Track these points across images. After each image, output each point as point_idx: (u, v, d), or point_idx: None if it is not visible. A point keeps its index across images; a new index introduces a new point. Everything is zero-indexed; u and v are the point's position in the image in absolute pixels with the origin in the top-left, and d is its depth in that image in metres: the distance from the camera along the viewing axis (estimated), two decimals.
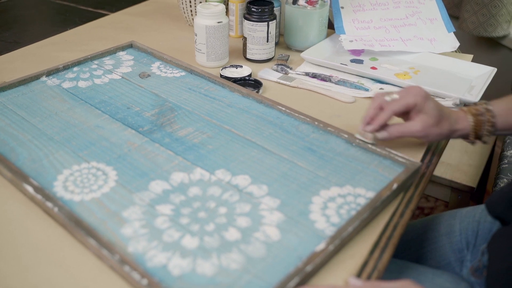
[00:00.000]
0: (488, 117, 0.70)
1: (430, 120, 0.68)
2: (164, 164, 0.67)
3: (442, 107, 0.70)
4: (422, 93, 0.68)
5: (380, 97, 0.70)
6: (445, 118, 0.69)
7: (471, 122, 0.70)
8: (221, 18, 0.94)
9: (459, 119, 0.71)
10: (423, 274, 0.69)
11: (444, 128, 0.69)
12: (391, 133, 0.69)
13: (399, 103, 0.68)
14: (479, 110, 0.71)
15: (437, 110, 0.68)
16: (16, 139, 0.71)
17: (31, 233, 0.57)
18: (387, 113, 0.68)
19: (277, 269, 0.52)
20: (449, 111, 0.71)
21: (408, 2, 1.11)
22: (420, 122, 0.68)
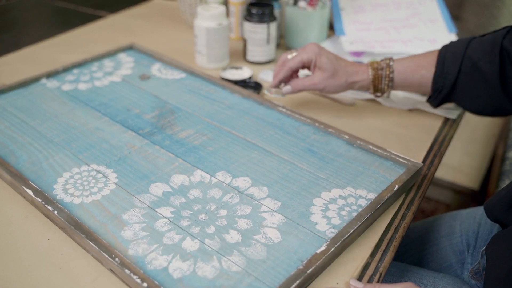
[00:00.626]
0: (388, 72, 0.76)
1: (325, 73, 0.75)
2: (164, 166, 0.67)
3: (338, 60, 0.76)
4: (315, 50, 0.76)
5: (283, 55, 0.79)
6: (341, 70, 0.76)
7: (370, 75, 0.76)
8: (222, 20, 0.94)
9: (358, 72, 0.77)
10: (425, 277, 0.69)
11: (342, 80, 0.76)
12: (294, 87, 0.78)
13: (295, 59, 0.77)
14: (380, 64, 0.76)
15: (331, 64, 0.75)
16: (15, 141, 0.71)
17: (31, 236, 0.57)
18: (285, 70, 0.78)
19: (278, 272, 0.51)
20: (347, 64, 0.77)
21: (408, 3, 1.10)
22: (317, 76, 0.76)
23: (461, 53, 0.72)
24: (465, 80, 0.72)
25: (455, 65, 0.72)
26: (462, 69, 0.71)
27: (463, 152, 1.51)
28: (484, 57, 0.69)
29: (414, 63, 0.76)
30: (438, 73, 0.73)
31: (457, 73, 0.72)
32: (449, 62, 0.72)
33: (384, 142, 0.75)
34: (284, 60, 0.79)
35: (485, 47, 0.70)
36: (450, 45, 0.74)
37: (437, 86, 0.74)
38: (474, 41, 0.72)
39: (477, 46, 0.71)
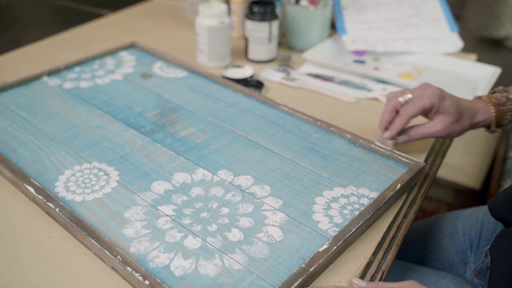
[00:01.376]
0: (510, 106, 0.69)
1: (450, 119, 0.67)
2: (166, 164, 0.67)
3: (460, 102, 0.68)
4: (438, 93, 0.67)
5: (393, 98, 0.69)
6: (465, 113, 0.68)
7: (493, 113, 0.70)
8: (223, 18, 0.93)
9: (479, 110, 0.70)
10: (427, 275, 0.69)
11: (465, 124, 0.69)
12: (412, 136, 0.69)
13: (415, 106, 0.67)
14: (500, 100, 0.70)
15: (455, 107, 0.67)
16: (17, 139, 0.71)
17: (32, 234, 0.57)
18: (404, 119, 0.67)
19: (280, 270, 0.51)
20: (468, 104, 0.69)
21: (410, 2, 1.10)
22: (440, 123, 0.67)
23: None
24: None
25: None
26: None
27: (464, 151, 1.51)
28: None
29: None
30: None
31: None
32: None
33: None
34: (395, 105, 0.69)
35: None
36: None
37: None
38: None
39: None
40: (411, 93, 0.68)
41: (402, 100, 0.68)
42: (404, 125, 0.68)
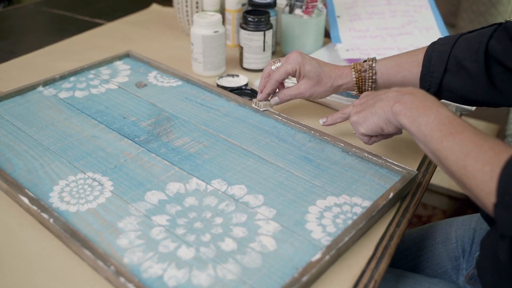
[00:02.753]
0: (370, 74, 0.76)
1: (310, 81, 0.76)
2: (160, 174, 0.67)
3: (321, 66, 0.77)
4: (298, 59, 0.76)
5: (267, 66, 0.80)
6: (326, 76, 0.77)
7: (354, 78, 0.77)
8: (218, 27, 0.94)
9: (342, 75, 0.77)
10: (420, 282, 0.69)
11: (327, 86, 0.77)
12: (281, 97, 0.79)
13: (280, 71, 0.77)
14: (363, 66, 0.77)
15: (315, 71, 0.76)
16: (12, 149, 0.71)
17: (27, 244, 0.57)
18: (272, 83, 0.78)
19: (273, 280, 0.52)
20: (331, 68, 0.78)
21: (404, 11, 1.11)
22: (302, 85, 0.77)
23: (447, 52, 0.72)
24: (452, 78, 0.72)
25: (441, 64, 0.72)
26: (448, 68, 0.72)
27: None
28: (470, 56, 0.70)
29: (396, 63, 0.76)
30: (425, 72, 0.73)
31: (443, 71, 0.72)
32: (435, 61, 0.72)
33: (379, 149, 0.76)
34: (269, 71, 0.79)
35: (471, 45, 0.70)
36: (438, 43, 0.74)
37: (425, 85, 0.74)
38: (462, 38, 0.73)
39: (463, 45, 0.71)
40: (281, 61, 0.79)
41: (274, 67, 0.79)
42: (272, 88, 0.78)
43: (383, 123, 0.62)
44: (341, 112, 0.73)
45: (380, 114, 0.62)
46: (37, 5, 1.42)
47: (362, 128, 0.65)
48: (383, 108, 0.61)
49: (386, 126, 0.62)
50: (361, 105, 0.66)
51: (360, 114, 0.65)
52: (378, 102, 0.63)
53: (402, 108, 0.58)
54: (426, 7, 1.11)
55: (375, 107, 0.63)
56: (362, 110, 0.65)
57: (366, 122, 0.64)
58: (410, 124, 0.57)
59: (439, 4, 1.15)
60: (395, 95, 0.61)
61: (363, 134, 0.66)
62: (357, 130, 0.67)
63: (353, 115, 0.67)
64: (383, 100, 0.62)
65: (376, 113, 0.63)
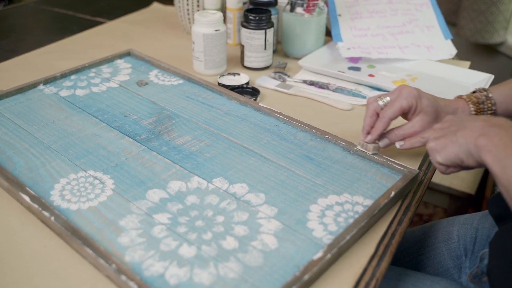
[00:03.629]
0: (489, 105, 0.71)
1: (428, 118, 0.68)
2: (161, 172, 0.67)
3: (437, 101, 0.69)
4: (414, 93, 0.68)
5: (373, 102, 0.70)
6: (443, 112, 0.69)
7: (473, 111, 0.71)
8: (219, 26, 0.94)
9: (458, 109, 0.71)
10: (421, 280, 0.69)
11: None
12: (392, 139, 0.70)
13: (393, 108, 0.68)
14: (479, 98, 0.71)
15: (432, 106, 0.68)
16: (13, 148, 0.71)
17: (28, 243, 0.57)
18: (383, 121, 0.68)
19: (275, 278, 0.51)
20: (446, 103, 0.70)
21: (405, 9, 1.11)
22: (418, 122, 0.68)
23: None
24: None
25: None
26: None
27: None
28: None
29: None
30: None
31: None
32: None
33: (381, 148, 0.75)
34: (375, 108, 0.69)
35: None
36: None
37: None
38: None
39: None
40: (389, 96, 0.69)
41: (382, 103, 0.69)
42: (384, 127, 0.69)
43: (463, 155, 0.56)
44: (420, 136, 0.66)
45: (461, 144, 0.56)
46: (38, 4, 1.42)
47: (439, 157, 0.59)
48: (466, 138, 0.55)
49: (466, 159, 0.56)
50: (442, 130, 0.60)
51: (439, 141, 0.59)
52: (461, 130, 0.56)
53: (487, 143, 0.52)
54: (427, 5, 1.11)
55: (457, 135, 0.56)
56: (442, 136, 0.59)
57: (444, 150, 0.58)
58: (494, 163, 0.51)
59: (440, 3, 1.15)
60: (482, 126, 0.54)
61: (440, 163, 0.60)
62: (433, 158, 0.60)
63: (431, 140, 0.60)
64: (467, 128, 0.56)
65: (457, 142, 0.56)
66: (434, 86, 0.95)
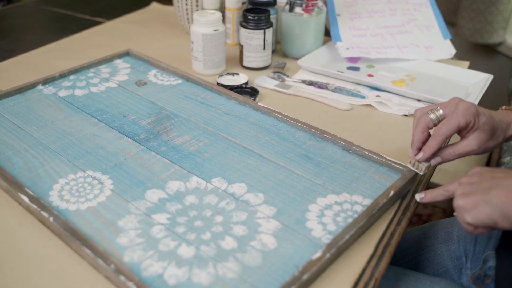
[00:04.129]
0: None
1: (485, 136, 0.62)
2: (160, 172, 0.67)
3: (493, 117, 0.64)
4: (472, 110, 0.61)
5: (424, 116, 0.64)
6: (499, 128, 0.64)
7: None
8: (218, 26, 0.94)
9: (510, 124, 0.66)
10: (421, 281, 0.69)
11: (500, 139, 0.65)
12: (446, 158, 0.64)
13: (450, 125, 0.61)
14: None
15: (489, 123, 0.62)
16: (11, 148, 0.71)
17: (26, 243, 0.57)
18: (439, 140, 0.62)
19: (274, 278, 0.51)
20: (500, 118, 0.65)
21: (404, 9, 1.11)
22: (475, 140, 0.62)
23: None
24: None
25: None
26: None
27: None
28: None
29: None
30: None
31: None
32: None
33: (380, 147, 0.76)
34: (427, 123, 0.63)
35: None
36: None
37: None
38: None
39: None
40: (442, 109, 0.63)
41: (434, 118, 0.63)
42: (439, 146, 0.63)
43: (498, 217, 0.51)
44: (444, 189, 0.60)
45: (496, 205, 0.51)
46: (37, 4, 1.42)
47: (468, 217, 0.53)
48: (502, 199, 0.51)
49: (501, 221, 0.51)
50: (471, 186, 0.55)
51: (469, 199, 0.53)
52: (495, 188, 0.52)
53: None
54: (426, 5, 1.11)
55: (490, 194, 0.52)
56: (471, 193, 0.54)
57: (475, 210, 0.53)
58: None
59: (439, 3, 1.15)
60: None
61: (469, 223, 0.54)
62: (461, 217, 0.55)
63: (459, 197, 0.55)
64: (503, 187, 0.51)
65: (491, 202, 0.51)
66: (433, 86, 0.95)
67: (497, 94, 1.37)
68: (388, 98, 0.90)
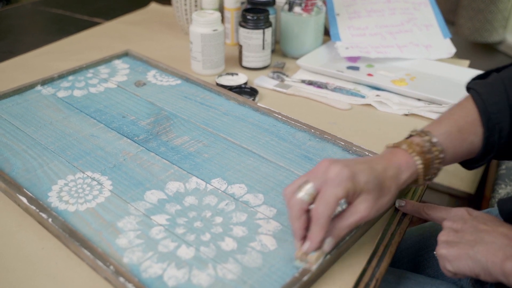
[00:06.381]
0: (436, 153, 0.57)
1: (371, 196, 0.53)
2: (159, 173, 0.67)
3: (375, 168, 0.54)
4: (345, 174, 0.51)
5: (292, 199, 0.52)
6: (386, 179, 0.54)
7: (420, 165, 0.56)
8: (217, 26, 0.94)
9: (401, 166, 0.56)
10: (422, 284, 0.69)
11: (391, 190, 0.55)
12: (337, 235, 0.53)
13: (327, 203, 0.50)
14: (423, 147, 0.57)
15: (373, 180, 0.53)
16: (10, 149, 0.71)
17: (25, 245, 0.57)
18: (322, 223, 0.51)
19: (274, 279, 0.51)
20: (385, 165, 0.55)
21: (403, 8, 1.11)
22: (362, 205, 0.53)
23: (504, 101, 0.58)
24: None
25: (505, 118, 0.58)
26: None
27: None
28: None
29: (456, 128, 0.59)
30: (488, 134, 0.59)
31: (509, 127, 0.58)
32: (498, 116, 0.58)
33: (380, 147, 0.75)
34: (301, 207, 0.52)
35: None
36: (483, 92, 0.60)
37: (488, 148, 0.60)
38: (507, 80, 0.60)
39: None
40: (311, 181, 0.52)
41: (306, 197, 0.52)
42: (325, 230, 0.51)
43: (481, 272, 0.50)
44: (425, 212, 0.58)
45: (480, 262, 0.49)
46: (35, 5, 1.42)
47: (450, 267, 0.52)
48: (487, 258, 0.49)
49: (484, 276, 0.50)
50: (456, 235, 0.52)
51: (452, 250, 0.51)
52: (480, 244, 0.50)
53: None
54: (425, 4, 1.11)
55: (475, 250, 0.50)
56: (455, 243, 0.51)
57: (457, 262, 0.51)
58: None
59: (438, 1, 1.15)
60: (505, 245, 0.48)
61: (449, 271, 0.53)
62: (442, 264, 0.53)
63: (442, 245, 0.52)
64: (488, 244, 0.49)
65: (475, 258, 0.49)
66: (433, 85, 0.95)
67: None
68: (388, 97, 0.89)
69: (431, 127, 0.59)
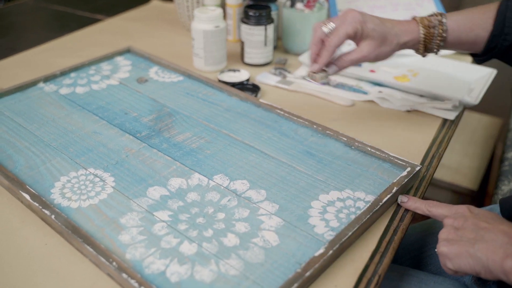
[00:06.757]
0: (440, 30, 0.69)
1: (375, 42, 0.67)
2: (162, 169, 0.67)
3: (384, 23, 0.68)
4: (359, 18, 0.67)
5: (317, 29, 0.69)
6: (391, 34, 0.68)
7: (422, 34, 0.69)
8: (219, 22, 0.94)
9: (407, 30, 0.69)
10: (424, 281, 0.69)
11: (393, 44, 0.69)
12: (341, 65, 0.70)
13: (338, 35, 0.67)
14: (432, 22, 0.69)
15: (379, 30, 0.67)
16: (13, 146, 0.71)
17: (28, 241, 0.57)
18: (329, 50, 0.68)
19: (276, 275, 0.51)
20: (393, 24, 0.69)
21: (406, 4, 1.10)
22: (366, 47, 0.68)
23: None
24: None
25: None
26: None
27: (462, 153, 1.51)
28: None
29: (469, 20, 0.69)
30: (497, 33, 0.67)
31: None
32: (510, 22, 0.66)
33: (382, 143, 0.75)
34: (320, 36, 0.69)
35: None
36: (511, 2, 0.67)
37: (492, 45, 0.68)
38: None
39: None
40: (334, 21, 0.68)
41: (327, 30, 0.68)
42: (330, 56, 0.68)
43: (481, 269, 0.50)
44: (428, 209, 0.60)
45: (481, 259, 0.50)
46: (37, 2, 1.42)
47: (450, 264, 0.52)
48: (488, 256, 0.49)
49: (484, 274, 0.50)
50: (456, 233, 0.53)
51: (453, 248, 0.52)
52: (481, 242, 0.50)
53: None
54: (428, 0, 1.11)
55: (475, 248, 0.50)
56: (456, 241, 0.52)
57: (458, 260, 0.51)
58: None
59: None
60: (506, 243, 0.49)
61: (449, 269, 0.53)
62: (443, 262, 0.54)
63: (443, 243, 0.53)
64: (489, 242, 0.50)
65: (475, 256, 0.50)
66: (436, 81, 0.95)
67: (500, 89, 1.36)
68: (390, 93, 0.89)
69: (450, 13, 0.70)
